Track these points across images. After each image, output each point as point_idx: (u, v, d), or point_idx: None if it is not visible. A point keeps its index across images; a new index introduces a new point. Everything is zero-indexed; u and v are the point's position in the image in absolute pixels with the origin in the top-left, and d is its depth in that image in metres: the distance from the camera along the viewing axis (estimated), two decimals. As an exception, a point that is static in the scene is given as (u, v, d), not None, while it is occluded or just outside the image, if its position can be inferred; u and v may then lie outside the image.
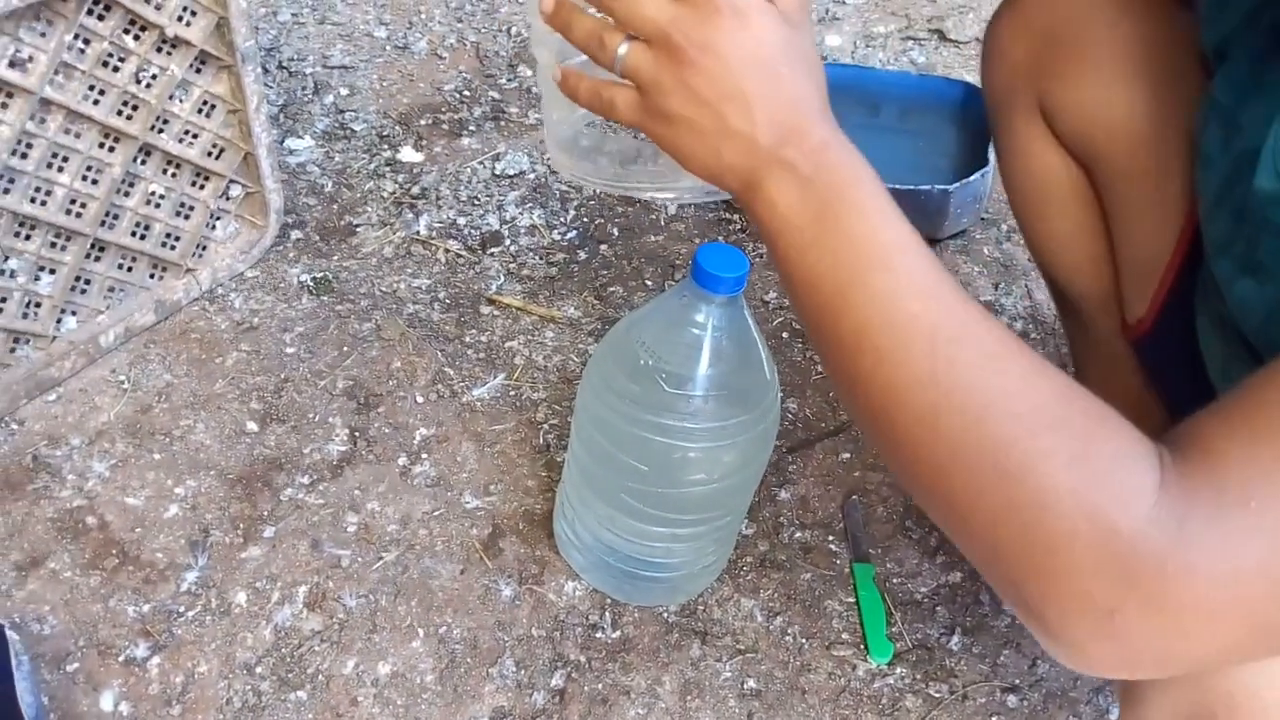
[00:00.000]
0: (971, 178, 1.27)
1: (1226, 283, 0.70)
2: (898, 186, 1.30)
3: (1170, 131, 0.76)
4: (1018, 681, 0.90)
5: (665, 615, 0.93)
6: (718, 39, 0.49)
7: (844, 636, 0.93)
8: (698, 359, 0.75)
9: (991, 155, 1.17)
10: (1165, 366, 0.89)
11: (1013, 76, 0.83)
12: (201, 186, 1.18)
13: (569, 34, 0.55)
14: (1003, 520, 0.41)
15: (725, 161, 0.51)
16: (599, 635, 0.92)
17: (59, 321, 1.11)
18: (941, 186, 1.28)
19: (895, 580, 0.97)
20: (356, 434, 1.09)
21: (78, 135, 1.02)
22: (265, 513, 1.00)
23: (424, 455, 1.07)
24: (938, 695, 0.89)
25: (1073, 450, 0.41)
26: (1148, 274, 0.84)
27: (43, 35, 0.95)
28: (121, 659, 0.88)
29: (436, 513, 1.01)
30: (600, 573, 0.93)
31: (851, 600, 0.95)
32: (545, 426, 1.10)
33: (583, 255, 1.33)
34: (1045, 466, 0.40)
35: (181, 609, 0.92)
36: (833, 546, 1.00)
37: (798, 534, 1.01)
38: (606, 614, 0.93)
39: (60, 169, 1.02)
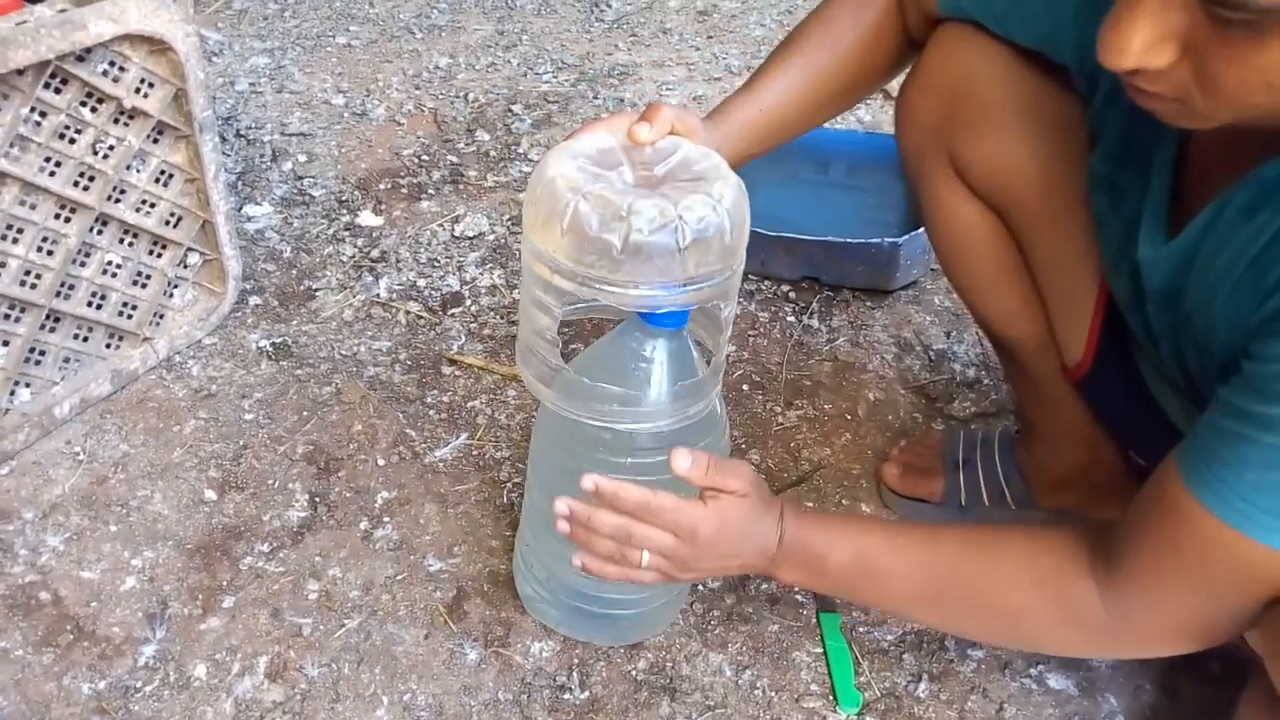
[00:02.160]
0: (919, 230, 1.30)
1: (1143, 337, 0.75)
2: (849, 240, 1.33)
3: (1073, 176, 0.81)
4: (986, 727, 0.91)
5: (633, 673, 0.93)
6: (715, 539, 0.73)
7: (813, 688, 0.93)
8: (650, 391, 0.76)
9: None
10: (1110, 404, 0.91)
11: (923, 137, 0.88)
12: (159, 255, 1.18)
13: (592, 548, 0.75)
14: (1040, 641, 0.76)
15: (739, 573, 0.81)
16: (567, 696, 0.91)
17: (12, 393, 1.09)
18: (891, 239, 1.31)
19: (862, 629, 0.98)
20: (317, 499, 1.08)
21: (33, 206, 1.02)
22: (224, 582, 0.99)
23: (386, 519, 1.06)
24: (908, 744, 0.89)
25: (1038, 604, 0.71)
26: (1077, 317, 0.87)
27: (-2, 109, 0.95)
28: (75, 739, 0.86)
29: (399, 577, 1.00)
30: (562, 614, 0.92)
31: (819, 650, 0.95)
32: (509, 485, 1.10)
33: (543, 314, 1.34)
34: (1036, 618, 0.72)
35: (139, 684, 0.90)
36: (799, 597, 1.00)
37: (764, 585, 1.01)
38: (574, 674, 0.92)
39: (15, 240, 1.02)
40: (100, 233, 1.10)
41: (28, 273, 1.04)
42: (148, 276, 1.18)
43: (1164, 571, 0.65)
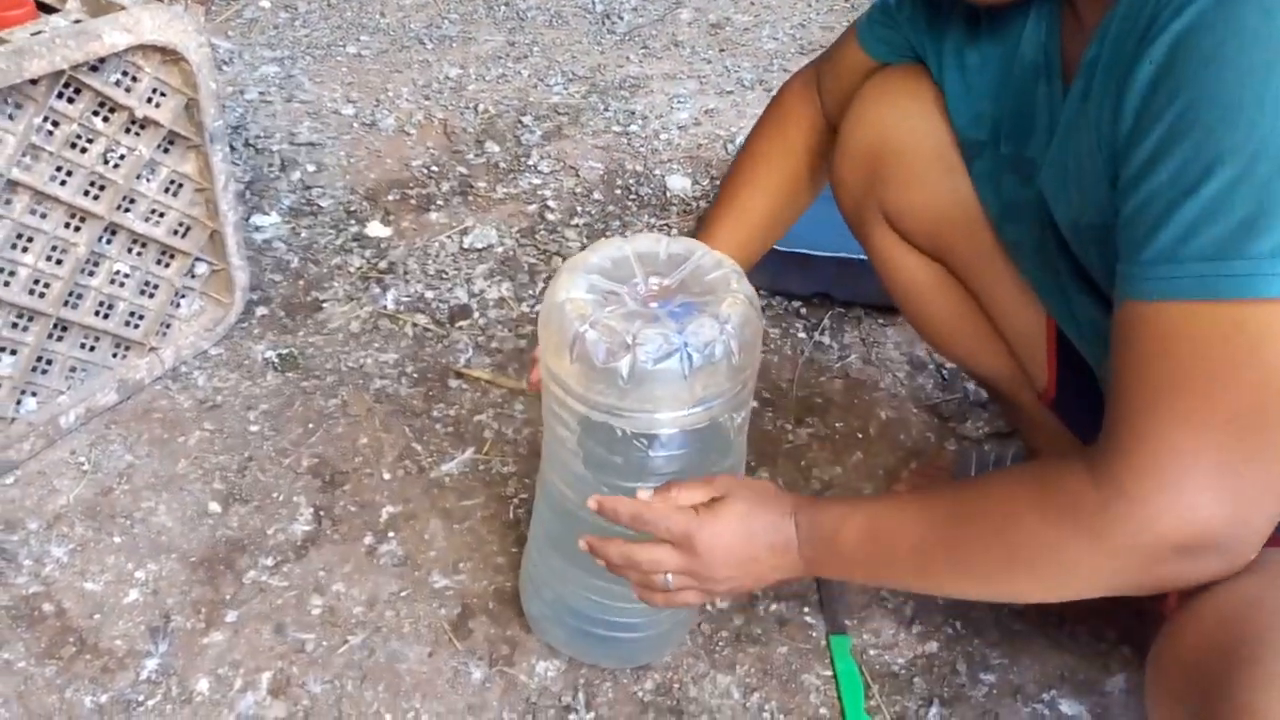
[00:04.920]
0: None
1: (1065, 311, 0.75)
2: (862, 257, 1.32)
3: None
4: (997, 753, 0.89)
5: (640, 694, 0.92)
6: (713, 544, 0.72)
7: (822, 712, 0.91)
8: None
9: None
10: (1081, 425, 0.91)
11: (856, 201, 0.92)
12: (167, 265, 1.18)
13: (623, 578, 0.77)
14: (1048, 564, 0.61)
15: (769, 582, 0.76)
16: (572, 717, 0.90)
17: (18, 403, 1.09)
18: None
19: (872, 652, 0.96)
20: (321, 513, 1.07)
21: (43, 215, 1.02)
22: (228, 596, 0.98)
23: (391, 534, 1.05)
24: (918, 770, 0.88)
25: (1038, 520, 0.60)
26: (1034, 345, 0.90)
27: (11, 118, 0.95)
28: (76, 754, 0.85)
29: (404, 593, 0.99)
30: (568, 634, 0.91)
31: (829, 673, 0.94)
32: (515, 501, 1.09)
33: (551, 328, 1.34)
34: (1027, 524, 0.61)
35: (141, 698, 0.89)
36: (808, 619, 0.99)
37: (773, 606, 1.00)
38: (580, 694, 0.91)
39: (25, 249, 1.01)
40: (109, 242, 1.10)
41: (36, 281, 1.04)
42: (155, 286, 1.17)
43: (1151, 409, 0.54)
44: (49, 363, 1.10)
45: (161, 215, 1.13)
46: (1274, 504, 0.54)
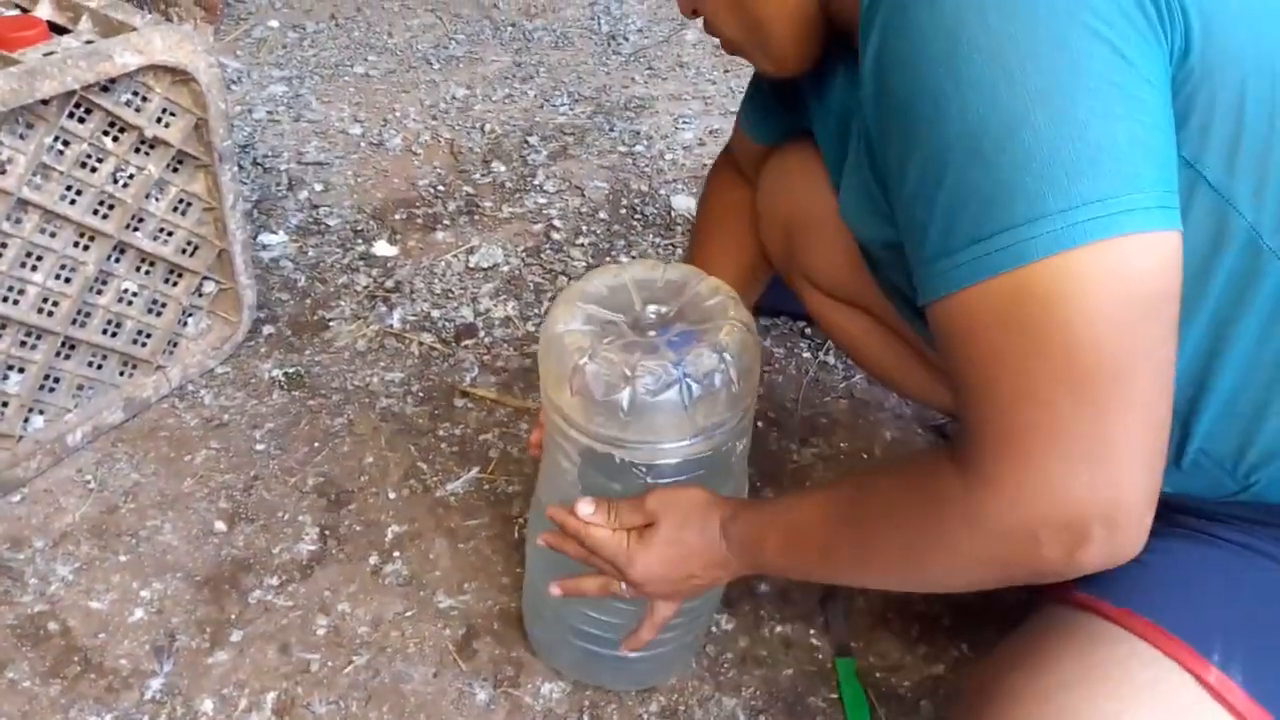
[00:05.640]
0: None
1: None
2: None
3: None
4: (1004, 778, 0.89)
5: (645, 716, 0.91)
6: (646, 573, 0.75)
7: (827, 734, 0.91)
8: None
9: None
10: None
11: (783, 267, 0.99)
12: (175, 283, 1.18)
13: (583, 595, 0.81)
14: (933, 555, 0.61)
15: (709, 585, 0.79)
16: (577, 738, 0.89)
17: (26, 420, 1.09)
18: (908, 277, 1.31)
19: (878, 674, 0.96)
20: (327, 532, 1.07)
21: (53, 234, 1.02)
22: (233, 616, 0.98)
23: (396, 553, 1.05)
24: (924, 794, 0.88)
25: (918, 514, 0.61)
26: None
27: (22, 138, 0.95)
28: (79, 775, 0.85)
29: (409, 613, 0.99)
30: (572, 657, 0.91)
31: (834, 696, 0.94)
32: (520, 520, 1.09)
33: (557, 347, 1.34)
34: (917, 534, 0.61)
35: (145, 718, 0.89)
36: (814, 640, 0.99)
37: (778, 628, 1.00)
38: (585, 716, 0.91)
39: (34, 268, 1.02)
40: (118, 260, 1.10)
41: (45, 300, 1.04)
42: (163, 305, 1.18)
43: (984, 394, 0.54)
44: (56, 381, 1.10)
45: (170, 234, 1.14)
46: (1138, 460, 0.52)
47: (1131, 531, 0.54)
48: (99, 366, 1.14)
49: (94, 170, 1.03)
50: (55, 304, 1.05)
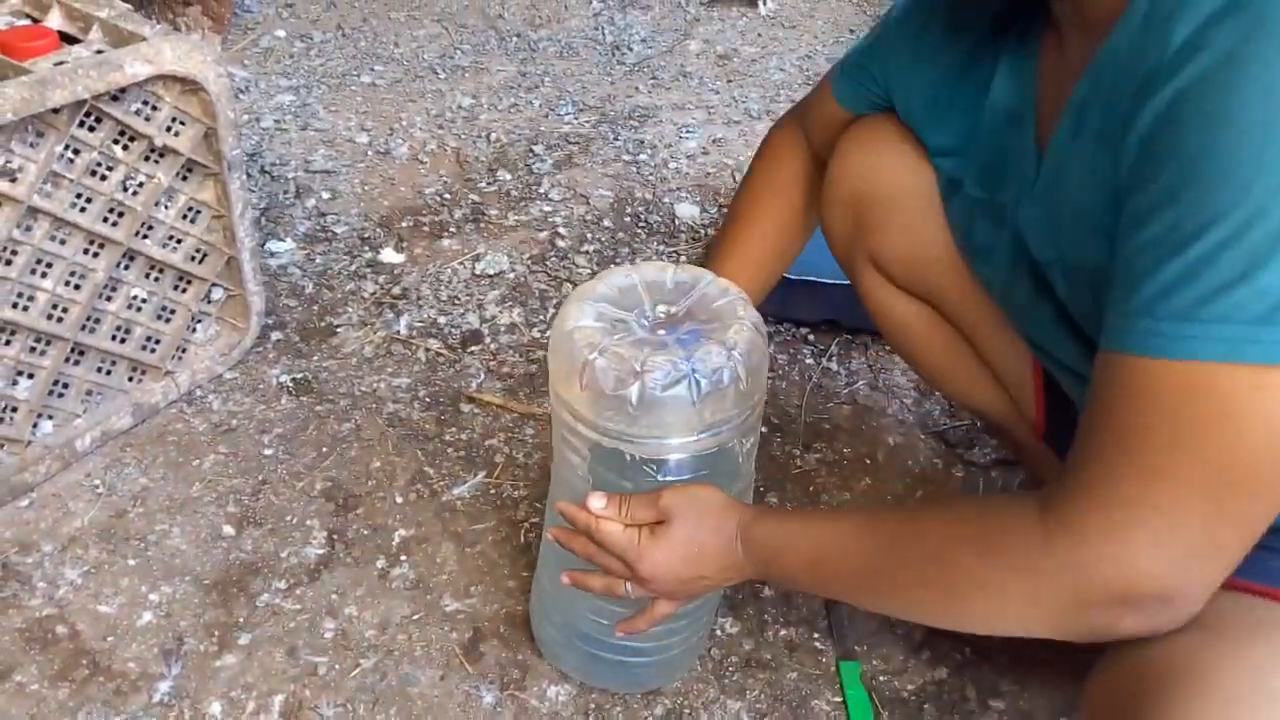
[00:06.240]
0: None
1: (1045, 342, 0.76)
2: (843, 282, 1.32)
3: None
4: (1008, 781, 0.89)
5: (650, 719, 0.92)
6: (654, 572, 0.75)
7: (832, 737, 0.91)
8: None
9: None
10: None
11: (844, 247, 0.94)
12: (184, 290, 1.19)
13: (589, 590, 0.81)
14: (983, 597, 0.61)
15: (717, 586, 0.80)
16: (583, 741, 0.90)
17: (35, 426, 1.10)
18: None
19: (882, 678, 0.96)
20: (334, 536, 1.07)
21: (63, 241, 1.03)
22: (241, 619, 0.99)
23: (403, 557, 1.05)
24: (928, 797, 0.88)
25: (978, 551, 0.61)
26: (1023, 383, 0.92)
27: (33, 146, 0.97)
28: (88, 777, 0.85)
29: (416, 616, 1.00)
30: (578, 659, 0.92)
31: (839, 700, 0.94)
32: (526, 525, 1.10)
33: (562, 353, 1.35)
34: (971, 572, 0.61)
35: (152, 722, 0.90)
36: (818, 644, 0.99)
37: (783, 631, 1.00)
38: (590, 719, 0.91)
39: (44, 275, 1.03)
40: (127, 267, 1.11)
41: (55, 306, 1.05)
42: (172, 311, 1.19)
43: (1113, 458, 0.54)
44: (66, 386, 1.11)
45: (179, 241, 1.15)
46: (1220, 568, 0.54)
47: (1185, 616, 0.55)
48: (108, 372, 1.15)
49: (104, 178, 1.04)
50: (65, 310, 1.06)
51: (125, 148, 1.05)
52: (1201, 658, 0.55)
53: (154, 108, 1.05)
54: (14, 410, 1.07)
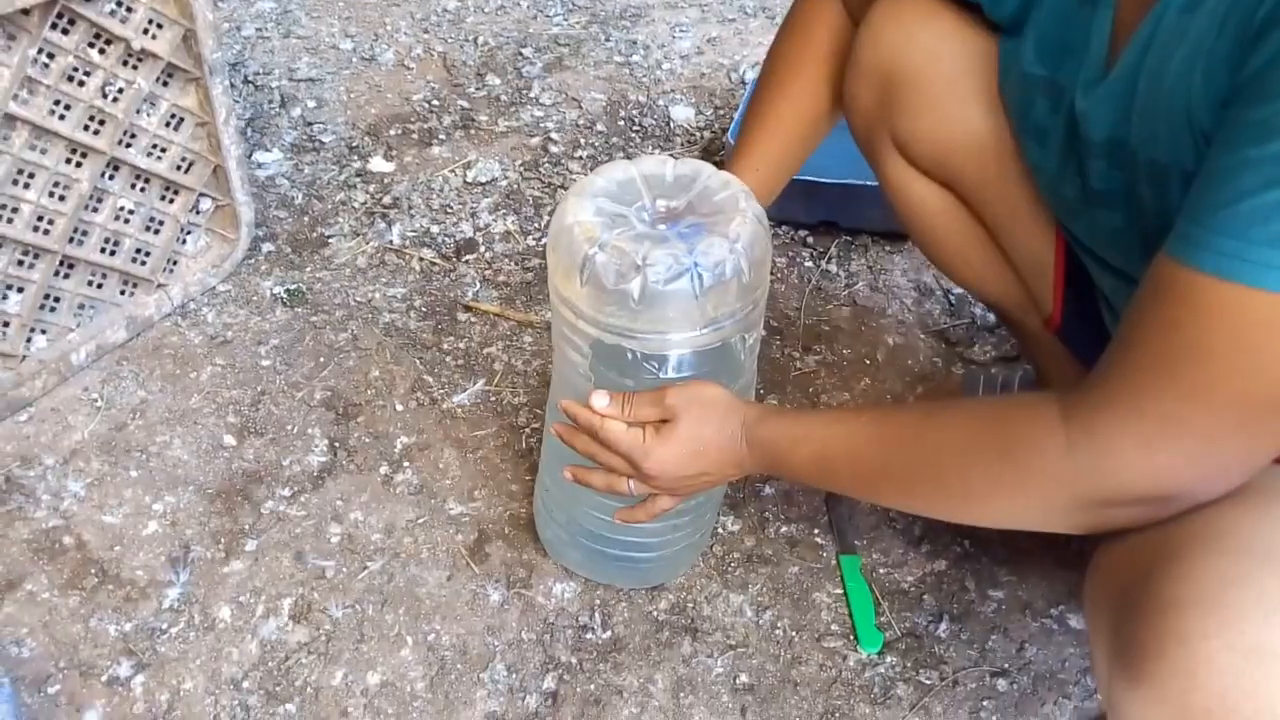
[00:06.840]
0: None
1: (1090, 240, 0.73)
2: (868, 183, 1.31)
3: (1008, 136, 0.80)
4: (1006, 666, 0.91)
5: (655, 613, 0.93)
6: (659, 468, 0.76)
7: (833, 628, 0.93)
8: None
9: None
10: (1084, 351, 0.91)
11: (866, 123, 0.89)
12: (171, 200, 1.17)
13: (591, 486, 0.81)
14: (999, 498, 0.62)
15: (719, 483, 0.82)
16: (589, 636, 0.91)
17: (28, 340, 1.09)
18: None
19: (882, 570, 0.98)
20: (336, 444, 1.08)
21: (44, 151, 1.01)
22: (246, 526, 0.99)
23: (405, 464, 1.06)
24: (928, 682, 0.90)
25: (998, 451, 0.60)
26: (1041, 274, 0.90)
27: (6, 50, 0.93)
28: (104, 679, 0.87)
29: (420, 520, 1.00)
30: (583, 556, 0.93)
31: (839, 592, 0.96)
32: (527, 430, 1.10)
33: (558, 260, 1.33)
34: (988, 472, 0.61)
35: (164, 626, 0.91)
36: (819, 540, 1.00)
37: (783, 528, 1.01)
38: (596, 614, 0.93)
39: (26, 185, 1.01)
40: (112, 178, 1.09)
41: (40, 218, 1.03)
42: (160, 222, 1.17)
43: (1155, 372, 0.52)
44: (57, 300, 1.10)
45: (163, 150, 1.12)
46: (1251, 474, 0.54)
47: (1183, 507, 0.56)
48: (99, 285, 1.14)
49: (82, 84, 1.01)
50: (51, 222, 1.04)
51: (102, 51, 1.02)
52: (1221, 518, 0.54)
53: (129, 9, 1.01)
54: (6, 325, 1.06)
